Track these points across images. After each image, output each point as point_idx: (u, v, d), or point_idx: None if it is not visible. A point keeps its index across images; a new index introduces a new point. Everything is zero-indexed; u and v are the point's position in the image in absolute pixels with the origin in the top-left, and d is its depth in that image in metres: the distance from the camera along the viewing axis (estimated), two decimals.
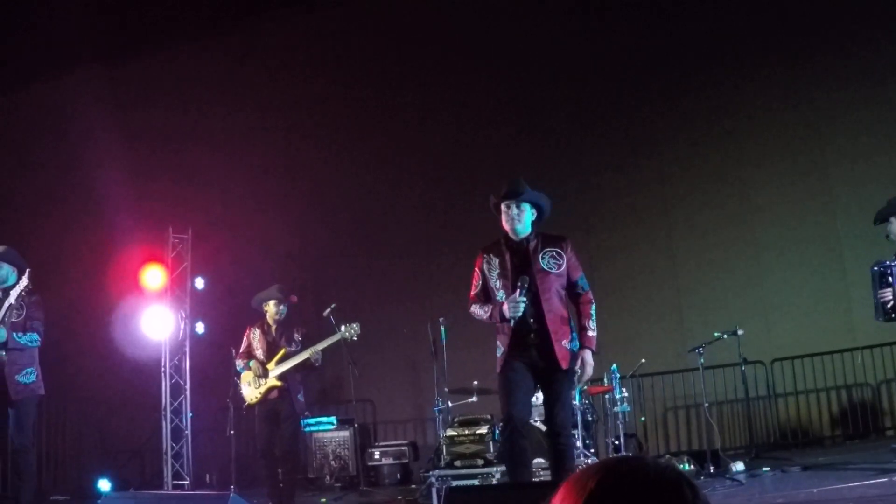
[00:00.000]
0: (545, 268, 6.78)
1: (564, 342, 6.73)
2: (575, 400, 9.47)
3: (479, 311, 6.96)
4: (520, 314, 6.60)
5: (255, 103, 15.41)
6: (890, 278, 7.52)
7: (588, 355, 6.77)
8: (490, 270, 6.95)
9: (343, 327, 9.78)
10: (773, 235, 12.91)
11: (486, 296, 6.98)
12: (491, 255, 6.99)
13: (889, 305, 7.52)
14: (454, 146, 14.97)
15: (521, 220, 6.88)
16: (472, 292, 7.07)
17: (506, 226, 6.95)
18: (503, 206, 6.94)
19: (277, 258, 14.18)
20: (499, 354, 6.83)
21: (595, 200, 14.39)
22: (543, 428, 8.56)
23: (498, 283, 6.86)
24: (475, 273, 7.06)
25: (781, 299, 11.03)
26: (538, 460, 8.96)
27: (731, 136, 14.11)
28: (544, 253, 6.84)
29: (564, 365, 6.67)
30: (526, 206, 6.92)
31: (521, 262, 6.84)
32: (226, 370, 11.22)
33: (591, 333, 6.86)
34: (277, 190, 15.07)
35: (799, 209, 12.79)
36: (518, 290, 6.61)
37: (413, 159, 15.15)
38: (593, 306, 6.95)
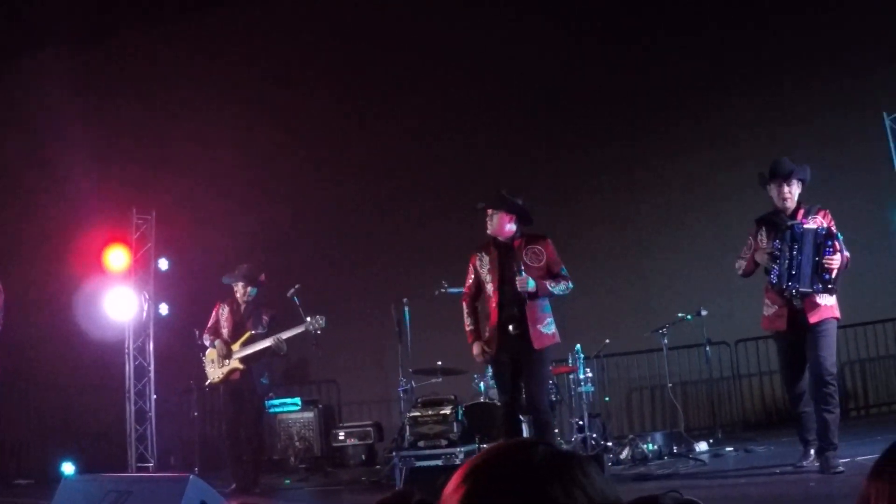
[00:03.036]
0: (528, 262, 7.77)
1: (540, 326, 7.73)
2: (549, 382, 9.56)
3: (465, 319, 8.13)
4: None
5: (219, 86, 15.27)
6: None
7: (531, 282, 7.62)
8: (481, 267, 8.00)
9: (308, 319, 9.80)
10: (737, 217, 12.94)
11: (477, 290, 8.09)
12: (482, 254, 8.03)
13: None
14: (419, 135, 15.06)
15: (504, 224, 7.85)
16: (465, 286, 8.24)
17: (489, 229, 7.94)
18: (489, 213, 7.95)
19: (242, 239, 14.06)
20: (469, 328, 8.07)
21: (563, 180, 14.42)
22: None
23: (488, 278, 7.92)
24: (469, 269, 8.16)
25: (745, 280, 11.02)
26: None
27: (698, 121, 14.25)
28: (527, 250, 7.86)
29: (538, 345, 7.60)
30: (499, 214, 7.85)
31: (506, 259, 7.84)
32: (190, 352, 11.20)
33: (549, 284, 7.78)
34: (242, 171, 14.95)
35: (763, 191, 12.88)
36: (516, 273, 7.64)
37: (378, 143, 15.11)
38: (568, 283, 7.95)
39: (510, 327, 7.72)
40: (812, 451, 7.57)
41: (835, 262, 7.20)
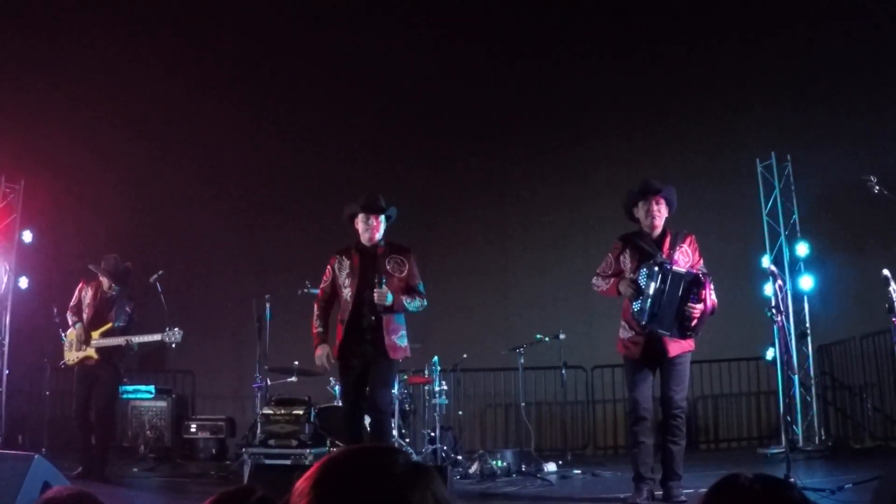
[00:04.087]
0: (389, 270, 7.69)
1: (394, 337, 7.59)
2: (394, 388, 9.55)
3: (314, 320, 7.90)
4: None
5: (103, 68, 14.96)
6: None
7: (389, 297, 7.53)
8: (340, 270, 7.83)
9: (167, 330, 9.70)
10: (605, 245, 13.15)
11: (332, 292, 7.89)
12: (342, 257, 7.86)
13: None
14: (294, 136, 15.11)
15: (379, 230, 7.77)
16: (320, 286, 8.02)
17: (364, 234, 7.78)
18: (362, 217, 7.75)
19: (111, 219, 13.81)
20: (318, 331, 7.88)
21: (433, 194, 14.54)
22: None
23: (346, 282, 7.74)
24: (326, 271, 7.96)
25: (605, 307, 11.26)
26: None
27: (571, 147, 14.55)
28: (390, 258, 7.76)
29: (392, 355, 7.56)
30: (383, 219, 7.79)
31: (368, 265, 7.72)
32: (46, 329, 10.94)
33: (405, 299, 7.70)
34: (119, 153, 14.69)
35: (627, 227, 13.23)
36: (376, 284, 7.49)
37: (254, 141, 15.17)
38: (423, 300, 7.81)
39: (366, 334, 7.60)
40: (645, 490, 7.53)
41: (697, 310, 7.15)
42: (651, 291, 7.18)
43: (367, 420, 8.01)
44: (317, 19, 15.19)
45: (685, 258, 7.40)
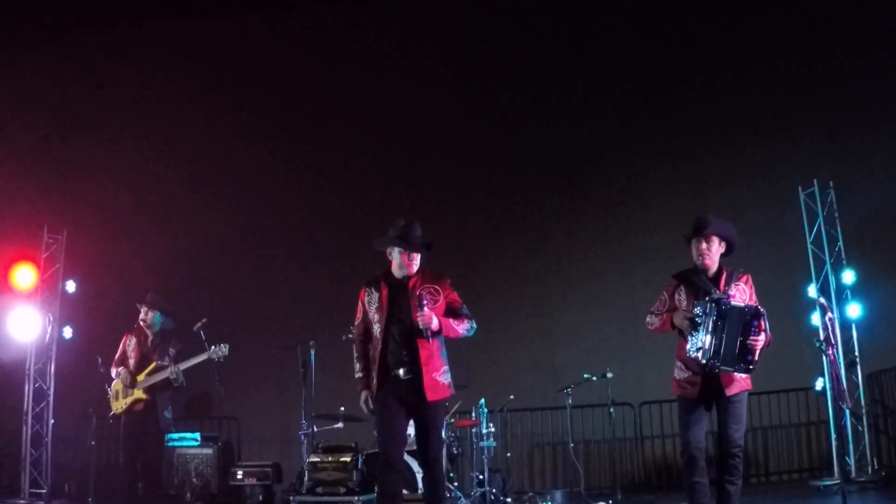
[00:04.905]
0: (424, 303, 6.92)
1: (436, 374, 6.89)
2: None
3: (355, 363, 7.22)
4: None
5: (136, 110, 15.09)
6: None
7: (435, 319, 6.88)
8: (370, 304, 7.13)
9: (213, 347, 9.75)
10: (648, 279, 13.06)
11: (366, 330, 7.17)
12: (371, 289, 7.17)
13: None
14: (338, 183, 15.08)
15: (416, 264, 7.10)
16: (355, 324, 7.27)
17: (400, 271, 7.14)
18: (403, 252, 7.12)
19: (153, 269, 13.88)
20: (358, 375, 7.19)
21: (472, 235, 14.51)
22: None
23: (375, 317, 7.05)
24: (358, 307, 7.26)
25: (651, 343, 11.18)
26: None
27: (613, 181, 14.51)
28: (423, 289, 7.03)
29: (433, 397, 6.85)
30: (416, 256, 7.13)
31: (398, 297, 7.04)
32: (91, 377, 10.97)
33: (452, 321, 7.05)
34: (158, 201, 14.78)
35: (674, 253, 13.14)
36: (417, 307, 6.84)
37: (296, 185, 15.15)
38: (472, 322, 7.19)
39: (400, 372, 6.88)
40: None
41: (759, 342, 6.96)
42: (709, 327, 7.07)
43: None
44: (357, 64, 15.23)
45: (741, 296, 7.26)
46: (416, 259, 7.10)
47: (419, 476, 9.05)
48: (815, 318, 12.32)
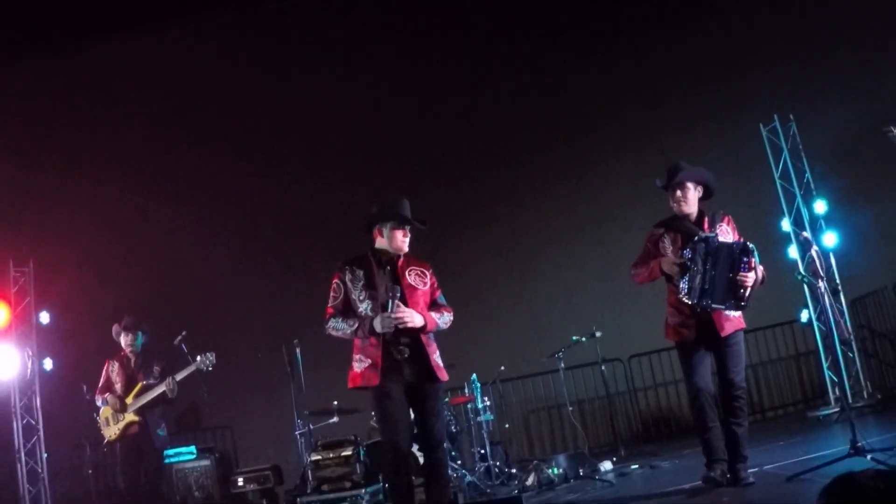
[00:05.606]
0: (413, 283, 6.80)
1: (435, 356, 6.74)
2: None
3: (340, 326, 6.73)
4: (392, 328, 6.50)
5: (99, 132, 14.92)
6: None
7: (414, 315, 6.60)
8: (354, 282, 6.79)
9: (199, 357, 9.67)
10: (621, 233, 13.04)
11: (345, 309, 6.79)
12: (354, 268, 6.83)
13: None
14: (307, 176, 14.99)
15: (400, 242, 6.89)
16: (330, 304, 6.86)
17: (396, 244, 6.87)
18: (399, 228, 6.91)
19: (126, 288, 13.74)
20: (358, 369, 6.63)
21: (444, 210, 14.42)
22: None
23: (363, 294, 6.73)
24: (333, 286, 6.88)
25: (634, 296, 11.17)
26: None
27: (581, 142, 14.45)
28: (410, 270, 6.87)
29: (442, 377, 6.72)
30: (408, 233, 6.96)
31: (389, 277, 6.81)
32: (79, 407, 10.87)
33: (434, 315, 6.80)
34: (124, 220, 14.65)
35: (647, 210, 13.15)
36: (390, 301, 6.54)
37: (267, 184, 15.01)
38: (450, 314, 6.96)
39: (404, 353, 6.60)
40: (718, 469, 7.33)
41: (749, 278, 7.02)
42: (699, 267, 7.06)
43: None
44: (334, 59, 15.18)
45: (726, 238, 7.28)
46: (405, 236, 6.89)
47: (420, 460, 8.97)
48: (793, 251, 12.37)
